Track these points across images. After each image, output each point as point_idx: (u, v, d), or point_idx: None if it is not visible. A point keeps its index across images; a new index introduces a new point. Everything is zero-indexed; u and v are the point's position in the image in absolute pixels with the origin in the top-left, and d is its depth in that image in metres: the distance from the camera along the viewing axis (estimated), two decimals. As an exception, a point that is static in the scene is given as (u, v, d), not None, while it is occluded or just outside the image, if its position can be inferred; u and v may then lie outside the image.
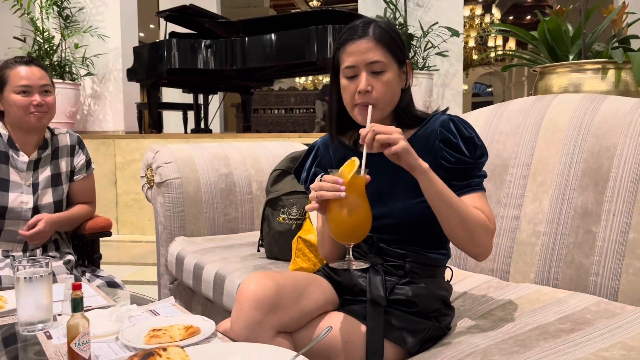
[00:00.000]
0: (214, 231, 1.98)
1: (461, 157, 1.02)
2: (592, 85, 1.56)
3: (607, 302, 1.16)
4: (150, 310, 1.12)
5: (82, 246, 1.79)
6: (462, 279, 1.38)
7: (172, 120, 7.65)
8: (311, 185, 0.95)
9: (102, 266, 1.85)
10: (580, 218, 1.29)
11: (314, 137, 4.38)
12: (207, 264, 1.62)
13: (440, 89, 5.28)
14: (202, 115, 5.83)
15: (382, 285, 1.03)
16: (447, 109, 1.12)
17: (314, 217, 1.46)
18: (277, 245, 1.58)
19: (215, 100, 6.78)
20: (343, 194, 0.91)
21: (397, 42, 1.06)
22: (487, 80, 22.04)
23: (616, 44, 1.63)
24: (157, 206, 1.96)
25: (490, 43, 13.68)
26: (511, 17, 16.18)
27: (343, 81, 1.06)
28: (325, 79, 13.02)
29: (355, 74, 1.04)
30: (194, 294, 1.78)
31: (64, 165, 1.71)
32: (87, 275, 1.68)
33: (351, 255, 0.95)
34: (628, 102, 1.33)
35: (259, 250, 1.66)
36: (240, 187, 2.03)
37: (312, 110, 8.63)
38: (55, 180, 1.68)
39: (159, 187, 1.94)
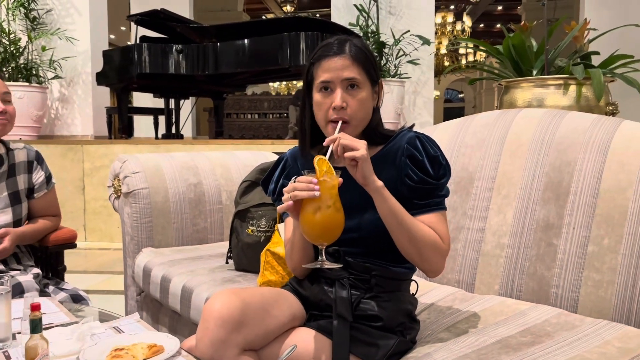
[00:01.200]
0: (182, 242, 1.96)
1: (424, 177, 1.04)
2: (555, 100, 1.60)
3: (567, 314, 1.19)
4: (114, 328, 1.10)
5: (45, 258, 1.75)
6: (429, 290, 1.40)
7: (143, 124, 7.54)
8: (285, 189, 0.97)
9: (68, 276, 1.81)
10: (542, 231, 1.32)
11: (286, 144, 4.37)
12: (175, 276, 1.60)
13: (411, 96, 5.34)
14: (174, 120, 5.77)
15: (348, 300, 1.03)
16: (413, 125, 1.14)
17: (283, 230, 1.46)
18: (245, 257, 1.57)
19: (187, 105, 6.72)
20: (317, 193, 0.93)
21: (371, 62, 1.08)
22: (459, 86, 22.40)
23: (577, 60, 1.68)
24: (125, 217, 1.93)
25: (462, 50, 13.91)
26: (482, 25, 16.49)
27: (317, 96, 1.07)
28: (299, 84, 13.04)
29: (330, 89, 1.05)
30: (162, 307, 1.76)
31: (21, 182, 1.65)
32: (51, 288, 1.64)
33: (324, 257, 0.97)
34: (588, 118, 1.37)
35: (227, 262, 1.65)
36: (210, 197, 2.02)
37: (285, 115, 8.63)
38: (13, 199, 1.62)
39: (127, 197, 1.91)
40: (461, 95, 23.26)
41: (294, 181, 0.96)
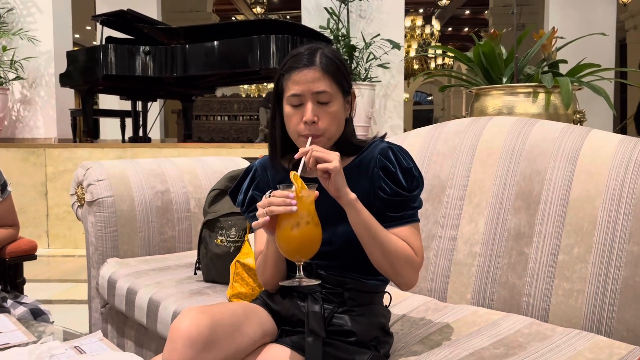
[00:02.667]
0: (149, 251, 1.90)
1: (397, 190, 1.03)
2: (524, 108, 1.61)
3: (539, 323, 1.19)
4: (75, 347, 1.05)
5: (3, 271, 1.67)
6: (401, 300, 1.39)
7: (109, 127, 7.37)
8: (259, 203, 0.94)
9: (30, 285, 1.73)
10: (513, 240, 1.32)
11: (257, 148, 4.33)
12: (141, 288, 1.55)
13: (382, 99, 5.36)
14: (141, 123, 5.65)
15: (320, 314, 1.01)
16: (385, 135, 1.13)
17: (253, 240, 1.42)
18: (214, 268, 1.53)
19: (155, 107, 6.59)
20: (294, 207, 0.90)
21: (342, 72, 1.05)
22: (428, 89, 22.69)
23: (545, 68, 1.69)
24: (88, 226, 1.86)
25: (430, 54, 14.08)
26: (450, 29, 16.74)
27: (287, 109, 1.04)
28: (270, 86, 12.97)
29: (301, 102, 1.02)
30: (127, 320, 1.70)
31: None
32: (9, 302, 1.57)
33: (302, 273, 0.94)
34: (557, 127, 1.38)
35: (195, 273, 1.60)
36: (178, 204, 1.97)
37: (256, 117, 8.55)
38: None
39: (90, 206, 1.84)
40: (430, 98, 23.56)
41: (269, 196, 0.93)
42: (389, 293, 1.15)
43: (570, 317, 1.19)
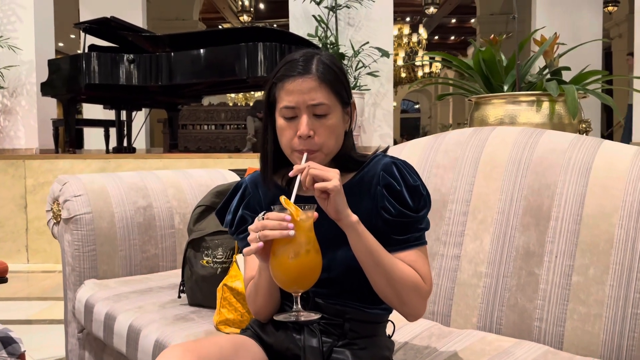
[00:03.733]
0: (130, 271, 1.78)
1: (403, 210, 0.93)
2: (527, 117, 1.53)
3: (554, 352, 1.10)
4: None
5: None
6: (403, 325, 1.29)
7: (93, 137, 7.21)
8: (250, 227, 0.83)
9: (7, 303, 1.60)
10: (522, 259, 1.23)
11: (244, 158, 4.22)
12: (120, 313, 1.43)
13: (371, 108, 5.29)
14: (125, 132, 5.51)
15: (319, 349, 0.91)
16: (387, 148, 1.03)
17: (242, 262, 1.32)
18: (200, 291, 1.42)
19: (140, 116, 6.46)
20: (292, 232, 0.79)
21: (341, 81, 0.95)
22: (415, 97, 22.77)
23: (548, 76, 1.62)
24: (65, 245, 1.74)
25: (418, 62, 14.11)
26: (436, 37, 16.82)
27: (280, 121, 0.94)
28: (257, 94, 12.87)
29: (295, 115, 0.92)
30: (106, 346, 1.58)
31: None
32: (-24, 330, 1.44)
33: (299, 305, 0.84)
34: (566, 138, 1.30)
35: (179, 297, 1.49)
36: (161, 220, 1.85)
37: (243, 126, 8.43)
38: None
39: (67, 224, 1.72)
40: (417, 106, 23.63)
41: (262, 218, 0.83)
42: (392, 322, 1.05)
43: (587, 344, 1.10)
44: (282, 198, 0.82)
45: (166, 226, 1.86)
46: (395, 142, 5.49)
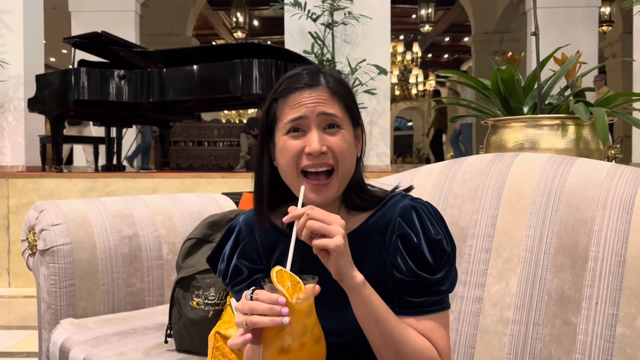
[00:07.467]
0: (113, 307, 1.62)
1: (416, 271, 0.77)
2: (550, 142, 1.40)
3: (601, 418, 0.95)
4: None
5: None
6: (419, 378, 1.13)
7: (83, 154, 7.03)
8: (236, 305, 0.67)
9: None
10: (556, 305, 1.08)
11: (238, 178, 4.06)
12: (99, 361, 1.27)
13: (368, 126, 5.18)
14: (115, 149, 5.35)
15: None
16: (410, 188, 0.88)
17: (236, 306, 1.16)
18: (189, 336, 1.26)
19: (131, 133, 6.30)
20: (287, 319, 0.63)
21: (352, 97, 0.81)
22: (408, 114, 22.78)
23: (570, 97, 1.49)
24: (40, 279, 1.58)
25: (412, 79, 14.11)
26: (430, 55, 16.86)
27: (283, 140, 0.78)
28: (251, 111, 12.75)
29: (302, 129, 0.77)
30: (83, 396, 1.41)
31: None
32: None
33: None
34: (601, 167, 1.16)
35: (166, 341, 1.33)
36: (148, 251, 1.69)
37: (236, 143, 8.30)
38: None
39: (43, 256, 1.56)
40: (410, 124, 23.64)
41: (250, 297, 0.66)
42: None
43: (637, 408, 0.95)
44: (274, 273, 0.66)
45: (153, 257, 1.70)
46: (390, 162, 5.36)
